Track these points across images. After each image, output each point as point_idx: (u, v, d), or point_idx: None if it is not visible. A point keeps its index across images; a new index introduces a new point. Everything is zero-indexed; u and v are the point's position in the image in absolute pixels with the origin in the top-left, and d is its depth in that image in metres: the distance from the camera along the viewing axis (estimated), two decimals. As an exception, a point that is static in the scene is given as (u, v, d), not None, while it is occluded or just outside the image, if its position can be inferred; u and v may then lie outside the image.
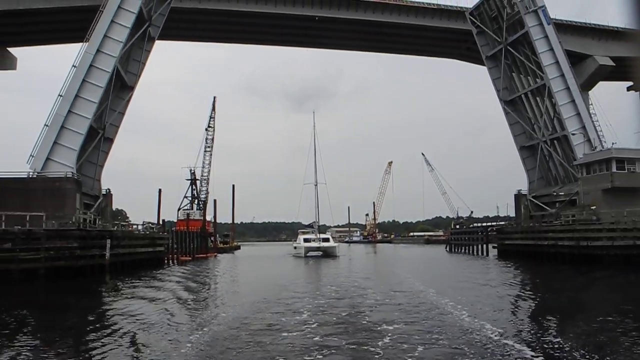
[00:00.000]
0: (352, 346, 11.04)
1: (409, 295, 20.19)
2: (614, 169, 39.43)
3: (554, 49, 46.03)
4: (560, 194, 47.03)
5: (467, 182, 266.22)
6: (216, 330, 13.22)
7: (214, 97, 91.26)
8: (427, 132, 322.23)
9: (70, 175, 33.73)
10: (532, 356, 9.98)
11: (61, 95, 36.18)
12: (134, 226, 47.03)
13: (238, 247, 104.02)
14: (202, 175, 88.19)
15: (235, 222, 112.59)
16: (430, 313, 15.50)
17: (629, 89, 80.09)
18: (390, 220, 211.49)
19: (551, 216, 44.91)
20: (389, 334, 12.25)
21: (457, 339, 11.65)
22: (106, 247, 33.16)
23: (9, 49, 60.45)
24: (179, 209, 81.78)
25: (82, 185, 36.42)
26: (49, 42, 63.68)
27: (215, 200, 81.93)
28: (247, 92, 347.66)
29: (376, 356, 10.16)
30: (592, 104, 73.85)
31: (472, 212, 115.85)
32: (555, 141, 48.17)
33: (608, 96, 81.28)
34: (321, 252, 57.86)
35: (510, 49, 50.34)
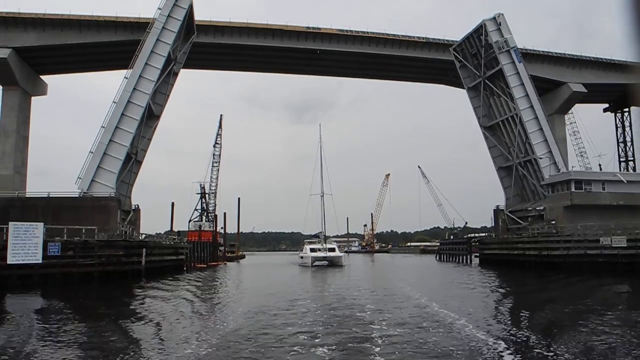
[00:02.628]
0: (345, 312, 17.67)
1: (390, 289, 26.84)
2: (572, 189, 46.06)
3: (524, 84, 53.04)
4: (534, 209, 53.58)
5: (466, 192, 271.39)
6: (248, 311, 19.55)
7: (221, 115, 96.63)
8: (427, 142, 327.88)
9: (114, 195, 40.36)
10: (454, 318, 16.50)
11: (103, 127, 42.98)
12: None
13: (243, 257, 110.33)
14: (210, 189, 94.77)
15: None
16: (402, 299, 22.12)
17: (605, 110, 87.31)
18: (389, 231, 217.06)
19: (523, 229, 51.53)
20: (370, 309, 18.86)
21: (414, 311, 18.25)
22: (142, 255, 39.69)
23: (41, 76, 67.21)
24: (189, 221, 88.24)
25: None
26: (78, 71, 70.57)
27: (225, 214, 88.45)
28: (246, 103, 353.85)
29: (362, 319, 16.73)
30: (574, 122, 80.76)
31: (466, 222, 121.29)
32: (527, 163, 54.86)
33: (595, 116, 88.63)
34: (327, 262, 59.04)
35: (488, 82, 57.38)
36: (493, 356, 10.77)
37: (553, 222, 46.05)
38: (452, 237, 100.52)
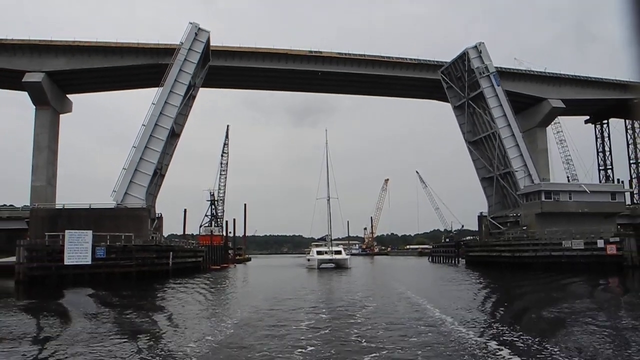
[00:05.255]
0: (341, 295, 24.33)
1: (380, 283, 33.53)
2: (543, 199, 52.48)
3: (502, 105, 59.80)
4: (512, 215, 60.21)
5: (466, 195, 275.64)
6: (266, 297, 26.18)
7: (227, 126, 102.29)
8: (427, 144, 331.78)
9: (145, 206, 47.06)
10: (419, 299, 23.05)
11: (134, 147, 49.74)
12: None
13: (249, 259, 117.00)
14: (218, 196, 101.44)
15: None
16: (387, 289, 28.79)
17: (586, 122, 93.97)
18: (389, 234, 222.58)
19: (501, 234, 58.15)
20: (360, 295, 25.50)
21: (393, 296, 24.88)
22: (170, 258, 46.33)
23: (67, 95, 74.00)
24: (200, 226, 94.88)
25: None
26: (100, 90, 77.79)
27: (234, 220, 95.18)
28: (247, 106, 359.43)
29: (352, 300, 23.33)
30: (561, 132, 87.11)
31: (462, 225, 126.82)
32: (506, 175, 61.53)
33: (577, 127, 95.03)
34: (334, 264, 61.11)
35: (471, 103, 64.17)
36: (435, 318, 17.39)
37: (524, 227, 52.65)
38: (447, 240, 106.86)
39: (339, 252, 64.44)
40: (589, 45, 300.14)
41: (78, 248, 38.92)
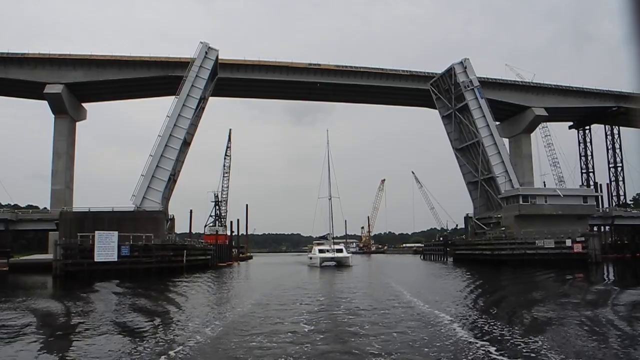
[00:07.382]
0: (334, 286, 29.76)
1: (371, 277, 38.92)
2: (520, 202, 57.92)
3: (485, 116, 65.30)
4: (494, 217, 65.64)
5: (463, 195, 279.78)
6: (273, 287, 31.61)
7: (230, 130, 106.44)
8: (427, 143, 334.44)
9: (162, 209, 52.45)
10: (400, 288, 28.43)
11: (151, 155, 55.11)
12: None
13: (251, 257, 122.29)
14: (222, 197, 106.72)
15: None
16: (375, 280, 34.22)
17: (570, 127, 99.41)
18: (386, 232, 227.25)
19: (484, 234, 63.66)
20: (353, 285, 30.92)
21: (378, 285, 30.30)
22: (184, 255, 51.67)
23: (82, 104, 79.22)
24: (205, 226, 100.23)
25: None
26: (113, 99, 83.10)
27: (238, 220, 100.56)
28: (245, 105, 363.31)
29: (345, 288, 28.73)
30: (549, 136, 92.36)
31: (456, 225, 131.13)
32: (490, 180, 67.05)
33: (562, 132, 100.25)
34: (335, 263, 61.95)
35: (458, 113, 69.68)
36: (407, 300, 22.79)
37: (503, 228, 58.17)
38: (441, 238, 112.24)
39: (340, 251, 65.51)
40: (587, 45, 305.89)
41: (106, 247, 44.23)
